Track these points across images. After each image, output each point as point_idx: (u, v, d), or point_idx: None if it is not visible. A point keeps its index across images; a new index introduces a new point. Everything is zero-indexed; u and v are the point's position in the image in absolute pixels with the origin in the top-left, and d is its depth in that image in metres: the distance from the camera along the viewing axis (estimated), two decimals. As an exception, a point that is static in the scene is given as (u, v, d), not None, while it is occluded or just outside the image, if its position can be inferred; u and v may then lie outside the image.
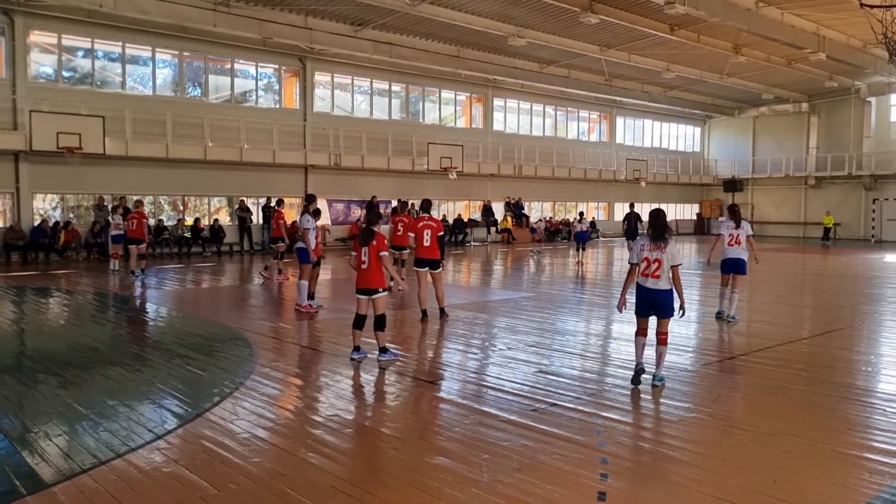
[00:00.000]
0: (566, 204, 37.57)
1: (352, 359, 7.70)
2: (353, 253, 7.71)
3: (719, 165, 42.69)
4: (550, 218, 35.58)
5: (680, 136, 43.05)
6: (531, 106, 34.79)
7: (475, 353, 8.38)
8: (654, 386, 6.54)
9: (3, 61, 20.47)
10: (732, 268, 10.12)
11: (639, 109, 38.78)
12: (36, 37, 21.12)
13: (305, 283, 11.33)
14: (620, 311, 6.81)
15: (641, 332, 6.71)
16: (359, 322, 7.66)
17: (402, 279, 9.62)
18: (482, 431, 5.38)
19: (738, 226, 10.06)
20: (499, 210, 32.72)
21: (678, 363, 7.70)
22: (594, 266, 20.86)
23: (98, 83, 22.50)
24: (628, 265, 6.83)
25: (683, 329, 9.69)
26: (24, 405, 6.18)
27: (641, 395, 6.41)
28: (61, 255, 20.53)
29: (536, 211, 35.68)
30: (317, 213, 11.86)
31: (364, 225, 7.80)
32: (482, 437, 5.25)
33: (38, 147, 19.21)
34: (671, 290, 6.52)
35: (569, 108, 36.51)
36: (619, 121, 39.21)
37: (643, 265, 6.56)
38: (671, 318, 6.64)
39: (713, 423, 5.69)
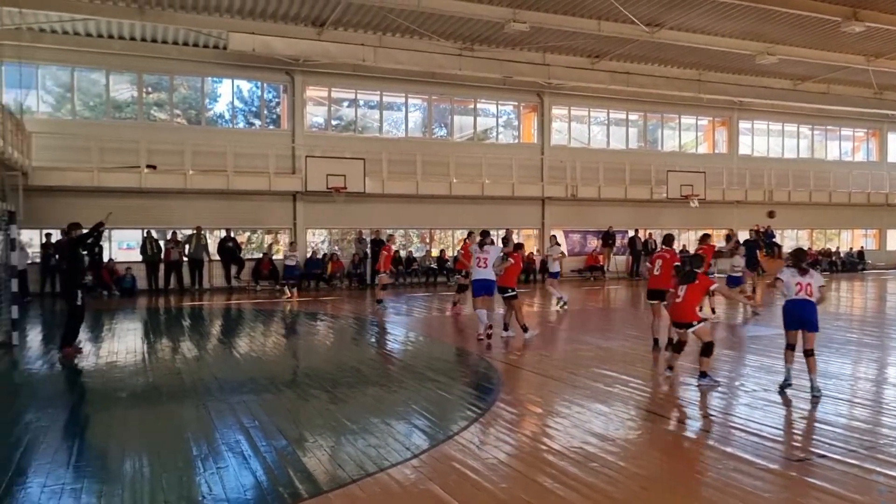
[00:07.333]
0: (826, 231, 33.92)
1: (666, 377, 8.39)
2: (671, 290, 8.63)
3: None
4: (808, 248, 32.26)
5: (978, 151, 36.76)
6: (783, 126, 32.12)
7: (723, 392, 7.88)
8: None
9: (286, 114, 23.75)
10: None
11: (919, 123, 33.97)
12: (311, 91, 24.25)
13: (484, 311, 11.71)
14: None
15: None
16: (676, 346, 8.48)
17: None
18: (737, 478, 5.05)
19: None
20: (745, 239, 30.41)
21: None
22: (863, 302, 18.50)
23: (360, 129, 25.15)
24: None
25: None
26: (301, 417, 7.03)
27: (931, 453, 5.57)
28: (328, 283, 23.02)
29: (790, 239, 32.63)
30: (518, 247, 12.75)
31: (688, 269, 8.46)
32: (738, 485, 4.92)
33: (311, 188, 21.91)
34: None
35: (828, 127, 33.10)
36: (892, 137, 34.61)
37: None
38: None
39: None
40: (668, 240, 11.26)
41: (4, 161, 15.90)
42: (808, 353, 7.49)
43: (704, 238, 13.50)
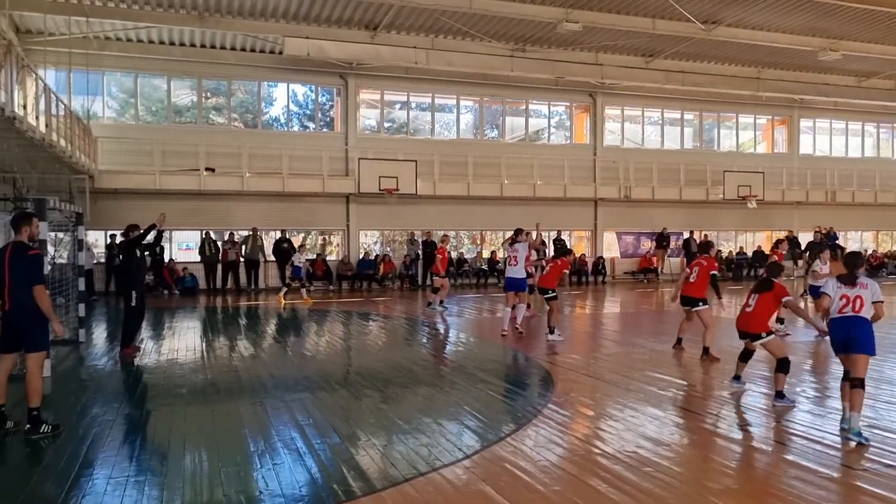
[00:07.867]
0: (892, 233, 32.65)
1: (733, 385, 8.00)
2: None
3: None
4: (874, 251, 31.10)
5: None
6: (846, 125, 31.04)
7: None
8: None
9: (339, 118, 24.11)
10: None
11: None
12: (364, 95, 24.54)
13: (509, 310, 12.36)
14: None
15: None
16: (743, 356, 7.94)
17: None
18: (798, 486, 4.91)
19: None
20: (805, 242, 29.46)
21: None
22: None
23: (412, 131, 25.37)
24: None
25: None
26: (354, 415, 7.11)
27: None
28: (380, 283, 23.25)
29: (854, 241, 31.50)
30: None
31: (764, 275, 7.85)
32: (799, 493, 4.79)
33: (364, 190, 22.15)
34: None
35: (895, 125, 31.84)
36: (965, 135, 33.10)
37: None
38: None
39: None
40: (706, 247, 11.00)
41: (73, 165, 16.57)
42: (854, 384, 5.96)
43: (778, 244, 13.15)
